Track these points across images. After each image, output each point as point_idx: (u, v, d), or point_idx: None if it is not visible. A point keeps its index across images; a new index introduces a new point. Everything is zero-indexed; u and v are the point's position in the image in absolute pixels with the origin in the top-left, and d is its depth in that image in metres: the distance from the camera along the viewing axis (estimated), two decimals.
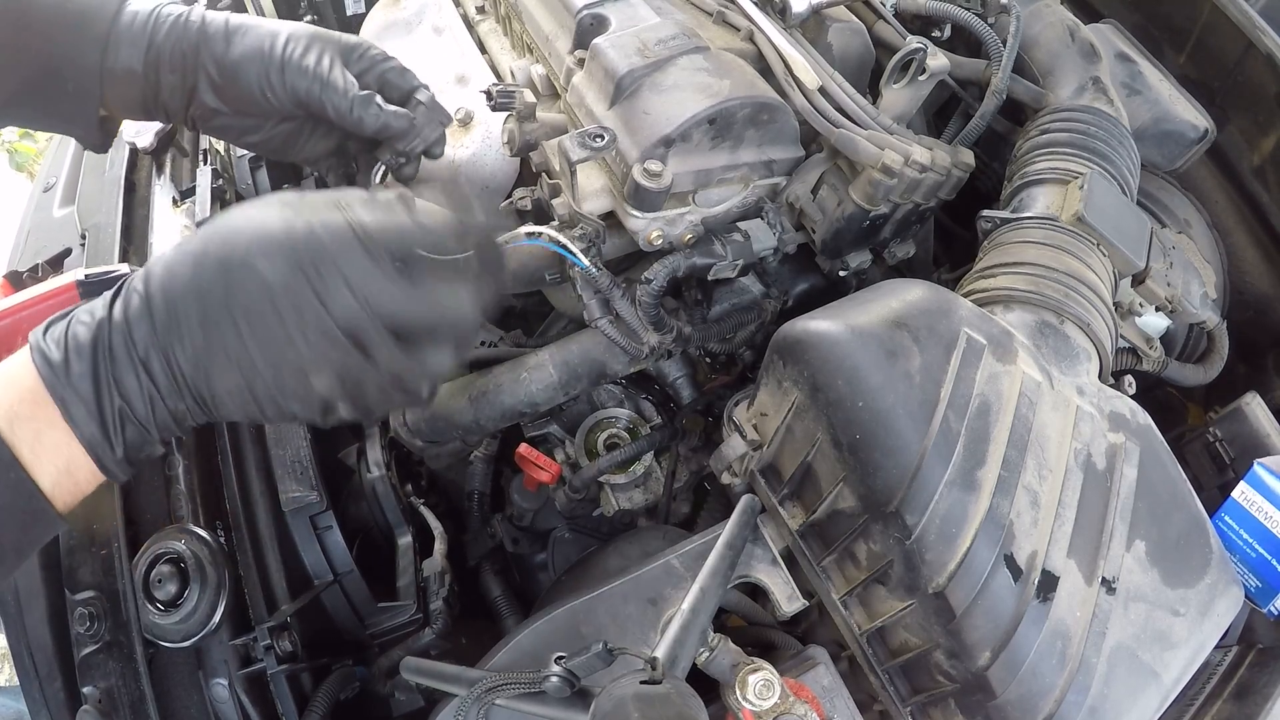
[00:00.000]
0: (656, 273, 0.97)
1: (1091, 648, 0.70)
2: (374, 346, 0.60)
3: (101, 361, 0.58)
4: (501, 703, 0.68)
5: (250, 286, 0.57)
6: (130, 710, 0.80)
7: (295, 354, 0.58)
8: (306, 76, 0.81)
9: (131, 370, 0.59)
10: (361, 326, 0.59)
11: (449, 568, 1.10)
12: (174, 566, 0.84)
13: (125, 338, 0.58)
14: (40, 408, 0.57)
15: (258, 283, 0.57)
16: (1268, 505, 0.89)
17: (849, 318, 0.78)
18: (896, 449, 0.72)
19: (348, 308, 0.58)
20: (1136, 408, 0.85)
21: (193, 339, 0.58)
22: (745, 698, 0.70)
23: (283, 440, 1.03)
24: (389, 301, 0.59)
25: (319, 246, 0.58)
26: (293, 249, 0.57)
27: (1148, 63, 1.20)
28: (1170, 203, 1.22)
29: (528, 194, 1.09)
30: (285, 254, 0.57)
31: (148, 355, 0.58)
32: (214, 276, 0.58)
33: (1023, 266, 0.90)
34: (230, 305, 0.58)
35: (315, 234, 0.58)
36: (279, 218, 0.59)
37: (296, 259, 0.57)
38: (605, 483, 1.17)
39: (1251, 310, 1.23)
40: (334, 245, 0.58)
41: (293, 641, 0.87)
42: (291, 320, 0.57)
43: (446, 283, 0.63)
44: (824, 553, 0.82)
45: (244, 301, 0.57)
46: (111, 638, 0.83)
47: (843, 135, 0.97)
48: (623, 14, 1.03)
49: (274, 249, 0.58)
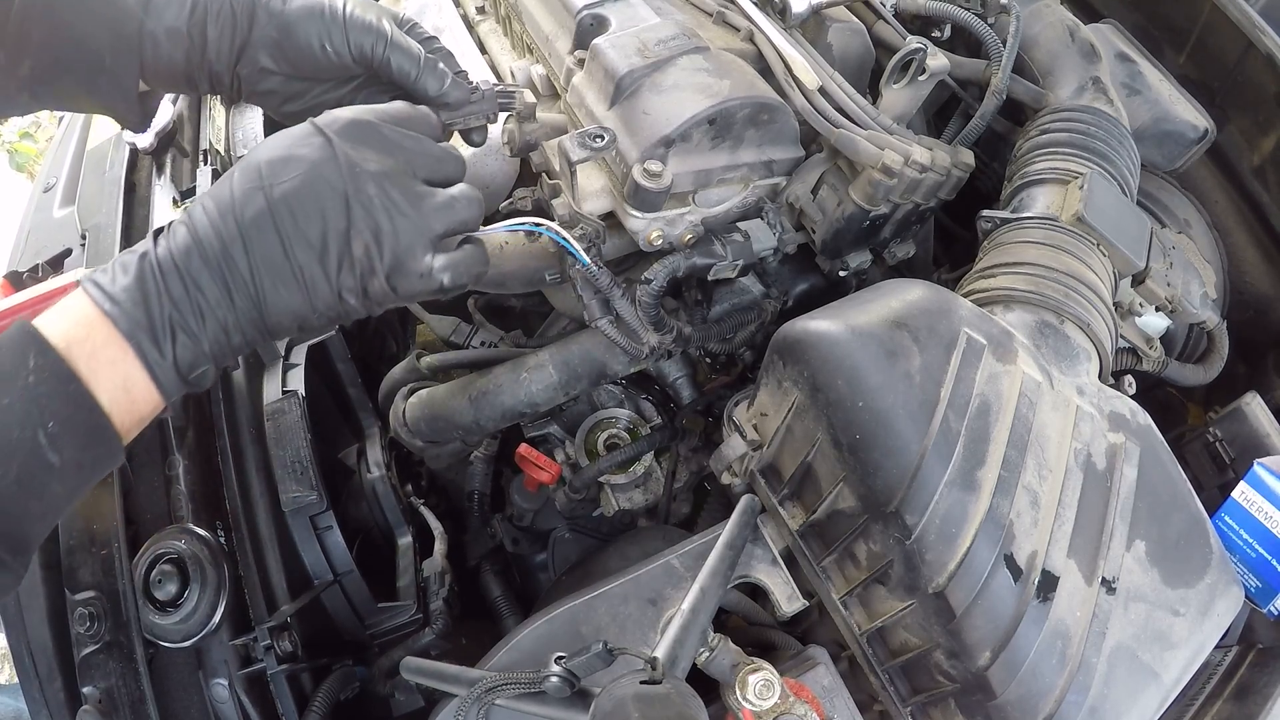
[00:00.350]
0: (656, 273, 0.97)
1: (1091, 648, 0.70)
2: (400, 196, 0.66)
3: (150, 275, 0.61)
4: (501, 703, 0.68)
5: (288, 174, 0.63)
6: (130, 710, 0.80)
7: (338, 211, 0.64)
8: (371, 34, 0.79)
9: (179, 281, 0.62)
10: (399, 177, 0.66)
11: (449, 568, 1.10)
12: (174, 566, 0.84)
13: (169, 255, 0.62)
14: (94, 328, 0.60)
15: (298, 166, 0.63)
16: (1268, 505, 0.89)
17: (849, 318, 0.78)
18: (896, 449, 0.72)
19: (382, 164, 0.65)
20: (1136, 408, 0.85)
21: (238, 247, 0.62)
22: (745, 698, 0.70)
23: (283, 440, 1.03)
24: (409, 145, 0.68)
25: (351, 120, 0.66)
26: (321, 133, 0.65)
27: (1148, 63, 1.20)
28: (1170, 203, 1.22)
29: (528, 194, 1.09)
30: (312, 141, 0.64)
31: (192, 267, 0.62)
32: (250, 182, 0.64)
33: (1023, 266, 0.90)
34: (271, 199, 0.63)
35: (338, 117, 0.66)
36: (304, 125, 0.67)
37: (328, 139, 0.64)
38: (605, 483, 1.17)
39: (1251, 310, 1.23)
40: (360, 117, 0.66)
41: (293, 641, 0.87)
42: (335, 187, 0.64)
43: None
44: (824, 553, 0.82)
45: (283, 190, 0.63)
46: (111, 638, 0.83)
47: (843, 135, 0.97)
48: (623, 14, 1.03)
49: (304, 137, 0.65)
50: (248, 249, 0.63)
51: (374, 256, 0.66)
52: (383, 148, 0.68)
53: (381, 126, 0.68)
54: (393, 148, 0.68)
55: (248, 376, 1.11)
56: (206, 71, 0.80)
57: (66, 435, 0.58)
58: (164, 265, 0.62)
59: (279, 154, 0.65)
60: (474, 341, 1.24)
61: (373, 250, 0.66)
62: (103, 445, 0.61)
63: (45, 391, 0.57)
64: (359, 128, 0.67)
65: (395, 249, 0.66)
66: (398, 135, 0.69)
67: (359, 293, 0.67)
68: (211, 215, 0.63)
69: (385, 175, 0.66)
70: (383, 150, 0.67)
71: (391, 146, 0.68)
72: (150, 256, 0.62)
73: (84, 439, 0.59)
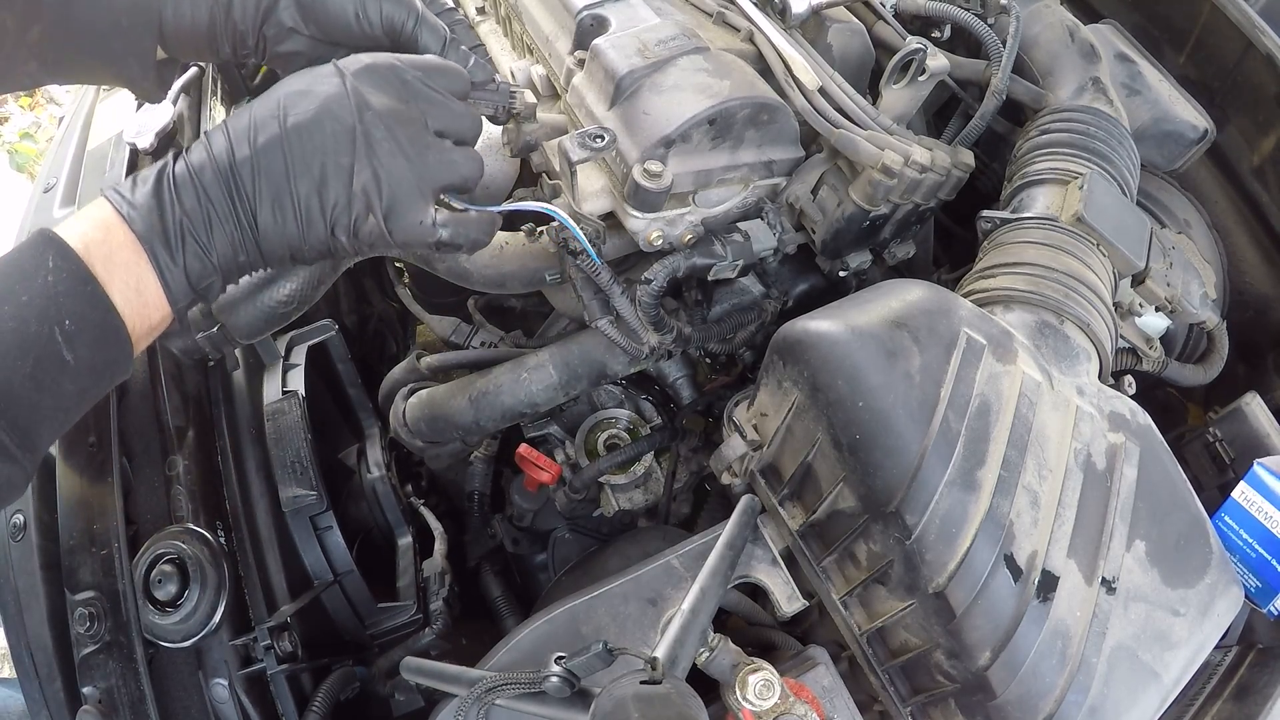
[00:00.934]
0: (656, 273, 0.97)
1: (1091, 648, 0.70)
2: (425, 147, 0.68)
3: (166, 186, 0.64)
4: (501, 703, 0.68)
5: (302, 106, 0.65)
6: (130, 710, 0.80)
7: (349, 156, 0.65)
8: (404, 8, 0.79)
9: (193, 192, 0.64)
10: (412, 124, 0.67)
11: (449, 568, 1.10)
12: (174, 567, 0.84)
13: (186, 169, 0.65)
14: (111, 231, 0.62)
15: (313, 101, 0.65)
16: (1268, 505, 0.89)
17: (849, 318, 0.78)
18: (896, 449, 0.72)
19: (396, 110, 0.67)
20: (1136, 408, 0.85)
21: (247, 168, 0.64)
22: (745, 698, 0.70)
23: (283, 440, 1.03)
24: (438, 106, 0.70)
25: (371, 64, 0.68)
26: (340, 73, 0.67)
27: (1147, 63, 1.20)
28: (1170, 203, 1.22)
29: (528, 195, 1.09)
30: (331, 80, 0.67)
31: (205, 180, 0.64)
32: (268, 111, 0.66)
33: (1022, 267, 0.90)
34: (284, 127, 0.65)
35: (359, 59, 0.68)
36: (327, 64, 0.69)
37: (344, 78, 0.66)
38: (605, 483, 1.17)
39: (1251, 310, 1.23)
40: (384, 63, 0.68)
41: (293, 642, 0.87)
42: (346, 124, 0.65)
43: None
44: (824, 553, 0.82)
45: (295, 121, 0.65)
46: (111, 638, 0.83)
47: (843, 136, 0.97)
48: (623, 15, 1.03)
49: (324, 75, 0.67)
50: (255, 170, 0.65)
51: (372, 196, 0.67)
52: (399, 93, 0.69)
53: (404, 71, 0.70)
54: (410, 94, 0.69)
55: (248, 376, 1.11)
56: (230, 32, 0.78)
57: (81, 334, 0.59)
58: (179, 178, 0.64)
59: (298, 88, 0.67)
60: (474, 342, 1.24)
61: (371, 190, 0.67)
62: (115, 347, 0.62)
63: (63, 290, 0.59)
64: (378, 71, 0.69)
65: (394, 192, 0.68)
66: (418, 83, 0.70)
67: (350, 231, 0.68)
68: (229, 137, 0.66)
69: (395, 118, 0.68)
70: (399, 96, 0.69)
71: (410, 93, 0.69)
72: (168, 170, 0.65)
73: (98, 339, 0.61)
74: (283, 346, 1.17)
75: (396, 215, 0.68)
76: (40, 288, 0.58)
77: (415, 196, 0.69)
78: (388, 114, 0.67)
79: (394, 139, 0.67)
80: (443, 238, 0.72)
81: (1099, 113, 1.06)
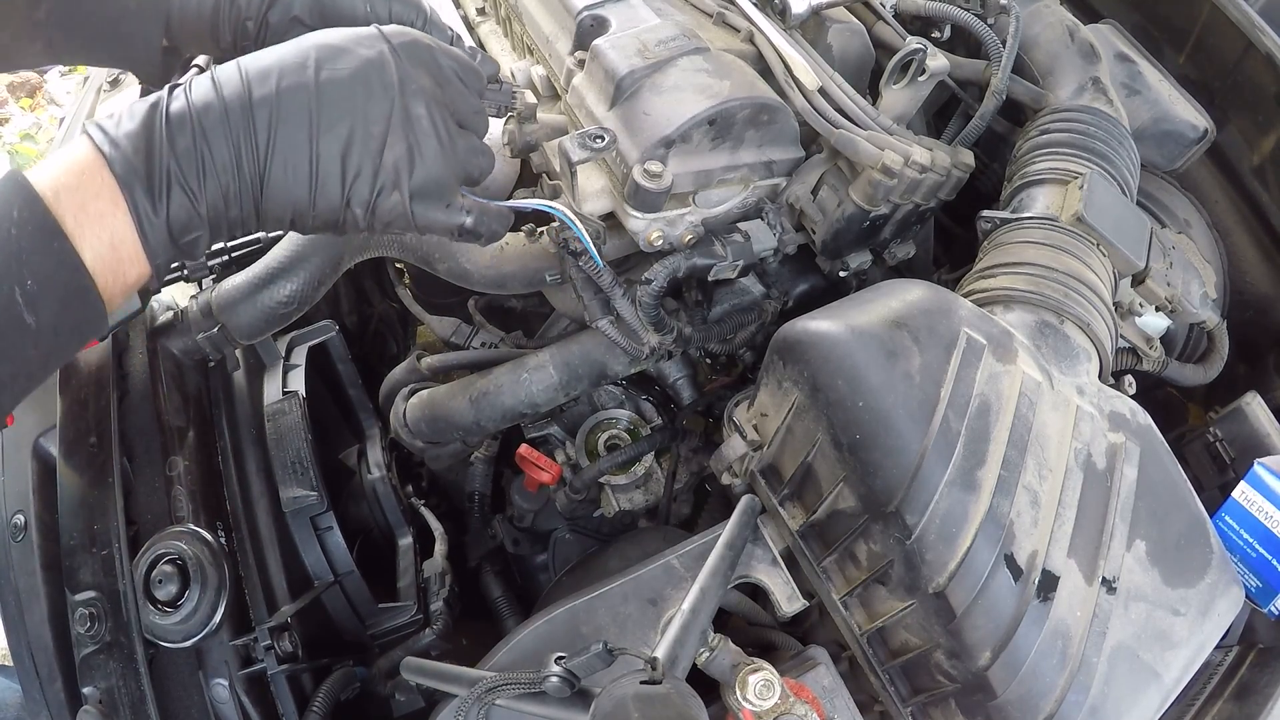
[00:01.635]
0: (656, 273, 0.97)
1: (1092, 648, 0.70)
2: (442, 124, 0.65)
3: (158, 123, 0.57)
4: (502, 703, 0.68)
5: (341, 63, 0.61)
6: (130, 711, 0.80)
7: (379, 116, 0.62)
8: (413, 8, 0.79)
9: (189, 132, 0.57)
10: (440, 107, 0.65)
11: (449, 568, 1.11)
12: (174, 567, 0.84)
13: (185, 107, 0.58)
14: (88, 174, 0.56)
15: (353, 60, 0.62)
16: (1268, 505, 0.89)
17: (849, 318, 0.78)
18: (896, 449, 0.72)
19: (430, 89, 0.64)
20: (1136, 408, 0.85)
21: (264, 112, 0.59)
22: (745, 698, 0.70)
23: (283, 440, 1.03)
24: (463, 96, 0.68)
25: (416, 38, 0.66)
26: (386, 40, 0.64)
27: (1147, 63, 1.20)
28: (1170, 203, 1.22)
29: (528, 195, 1.09)
30: (375, 44, 0.63)
31: (207, 121, 0.58)
32: (297, 57, 0.61)
33: (1022, 267, 0.90)
34: (316, 78, 0.60)
35: (404, 31, 0.66)
36: (368, 28, 0.65)
37: (392, 47, 0.64)
38: (606, 484, 1.17)
39: (1251, 310, 1.23)
40: (427, 40, 0.66)
41: (293, 642, 0.87)
42: (384, 88, 0.62)
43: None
44: (824, 553, 0.82)
45: (331, 75, 0.60)
46: (112, 638, 0.83)
47: (842, 136, 0.97)
48: (623, 15, 1.03)
49: (367, 37, 0.64)
50: (273, 118, 0.59)
51: (402, 172, 0.64)
52: (438, 76, 0.67)
53: (442, 56, 0.68)
54: (446, 80, 0.68)
55: (248, 377, 1.11)
56: (235, 18, 0.76)
57: (46, 294, 0.54)
58: (175, 116, 0.58)
59: (336, 41, 0.63)
60: (474, 342, 1.24)
61: (402, 166, 0.64)
62: (85, 309, 0.57)
63: (26, 246, 0.53)
64: (422, 49, 0.66)
65: (428, 172, 0.65)
66: (451, 72, 0.69)
67: (367, 205, 0.64)
68: (243, 75, 0.60)
69: (434, 99, 0.66)
70: (436, 78, 0.67)
71: (445, 79, 0.68)
72: (162, 105, 0.58)
73: (64, 300, 0.55)
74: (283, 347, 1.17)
75: (425, 197, 0.66)
76: (2, 242, 0.52)
77: (449, 180, 0.67)
78: (428, 93, 0.65)
79: (433, 120, 0.65)
80: (467, 224, 0.70)
81: (1099, 113, 1.06)
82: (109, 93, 1.35)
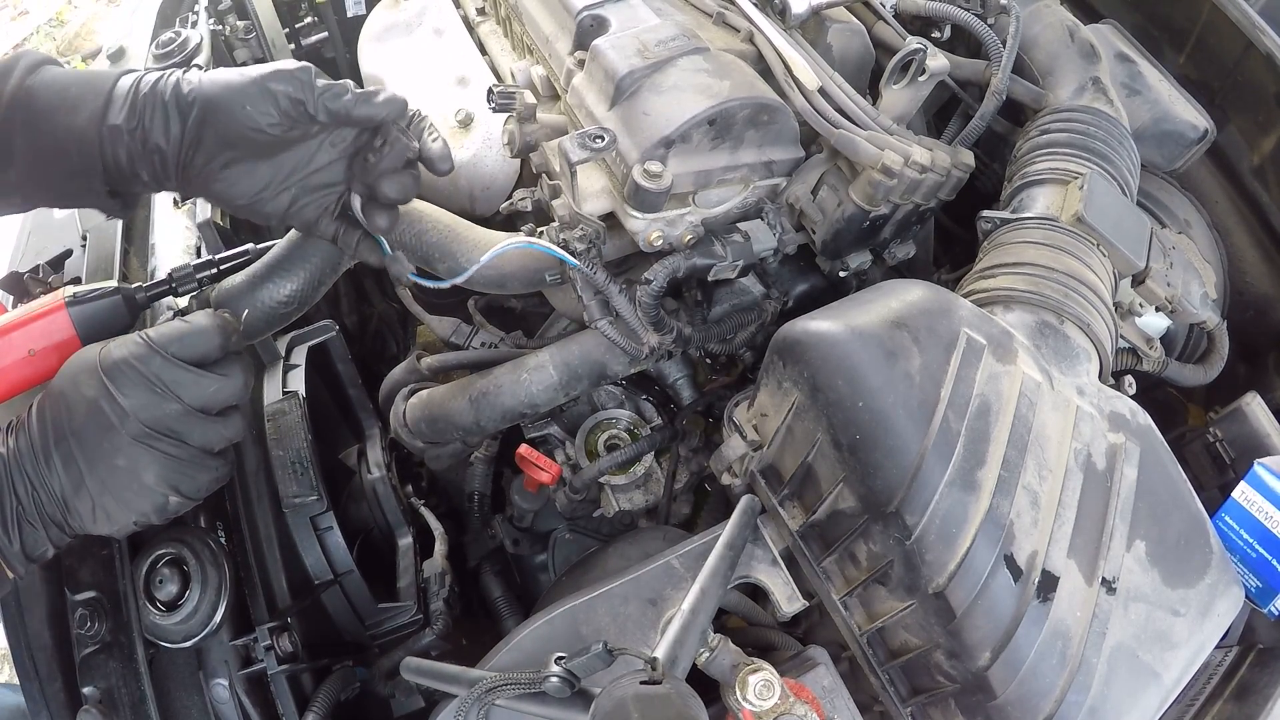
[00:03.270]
0: (656, 273, 0.97)
1: (1091, 648, 0.70)
2: (187, 427, 0.72)
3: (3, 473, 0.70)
4: (502, 703, 0.68)
5: (77, 410, 0.70)
6: (130, 710, 0.80)
7: (124, 458, 0.70)
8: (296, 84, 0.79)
9: (22, 482, 0.70)
10: (168, 413, 0.71)
11: (449, 569, 1.10)
12: (175, 567, 0.84)
13: (3, 462, 0.70)
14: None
15: (81, 404, 0.70)
16: (1268, 505, 0.89)
17: (849, 318, 0.78)
18: (896, 449, 0.72)
19: (150, 403, 0.70)
20: (1136, 408, 0.85)
21: (43, 466, 0.70)
22: (745, 698, 0.70)
23: (283, 440, 1.03)
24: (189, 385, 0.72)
25: (120, 360, 0.71)
26: (100, 368, 0.70)
27: (1147, 63, 1.20)
28: (1170, 203, 1.22)
29: (528, 195, 1.09)
30: (94, 374, 0.70)
31: (15, 476, 0.70)
32: (56, 406, 0.71)
33: (1023, 267, 0.90)
34: (70, 430, 0.69)
35: (111, 353, 0.71)
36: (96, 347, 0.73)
37: (103, 376, 0.70)
38: (605, 484, 1.17)
39: (1251, 310, 1.23)
40: (134, 356, 0.71)
41: (293, 642, 0.87)
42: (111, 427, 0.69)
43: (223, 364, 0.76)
44: (824, 553, 0.82)
45: (74, 425, 0.69)
46: (112, 638, 0.83)
47: (842, 136, 0.97)
48: (623, 15, 1.03)
49: (88, 373, 0.71)
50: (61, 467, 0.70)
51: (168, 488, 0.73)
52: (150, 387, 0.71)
53: (151, 362, 0.71)
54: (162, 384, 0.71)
55: None
56: (151, 166, 0.80)
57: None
58: (10, 464, 0.70)
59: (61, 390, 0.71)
60: (474, 342, 1.24)
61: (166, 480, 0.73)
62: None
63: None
64: (127, 369, 0.71)
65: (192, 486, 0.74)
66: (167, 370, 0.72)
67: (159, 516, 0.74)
68: (29, 425, 0.71)
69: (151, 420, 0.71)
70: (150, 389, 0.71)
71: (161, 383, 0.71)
72: (4, 455, 0.70)
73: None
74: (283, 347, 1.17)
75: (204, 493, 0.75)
76: None
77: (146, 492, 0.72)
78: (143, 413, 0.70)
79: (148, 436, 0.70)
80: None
81: (1099, 113, 1.06)
82: None
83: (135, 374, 0.70)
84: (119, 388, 0.70)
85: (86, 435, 0.69)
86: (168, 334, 0.73)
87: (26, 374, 0.78)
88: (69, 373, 0.72)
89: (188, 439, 0.72)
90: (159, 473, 0.71)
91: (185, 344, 0.73)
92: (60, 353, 0.77)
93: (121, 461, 0.70)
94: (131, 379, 0.70)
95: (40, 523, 0.71)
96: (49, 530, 0.72)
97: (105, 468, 0.70)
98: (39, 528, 0.71)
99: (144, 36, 1.39)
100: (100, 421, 0.69)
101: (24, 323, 0.79)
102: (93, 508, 0.71)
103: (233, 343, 0.77)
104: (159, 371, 0.71)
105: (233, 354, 0.77)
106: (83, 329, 0.80)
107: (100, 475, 0.70)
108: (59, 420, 0.70)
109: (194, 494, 0.75)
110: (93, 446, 0.69)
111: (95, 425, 0.69)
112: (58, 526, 0.72)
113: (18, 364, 0.78)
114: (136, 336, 0.72)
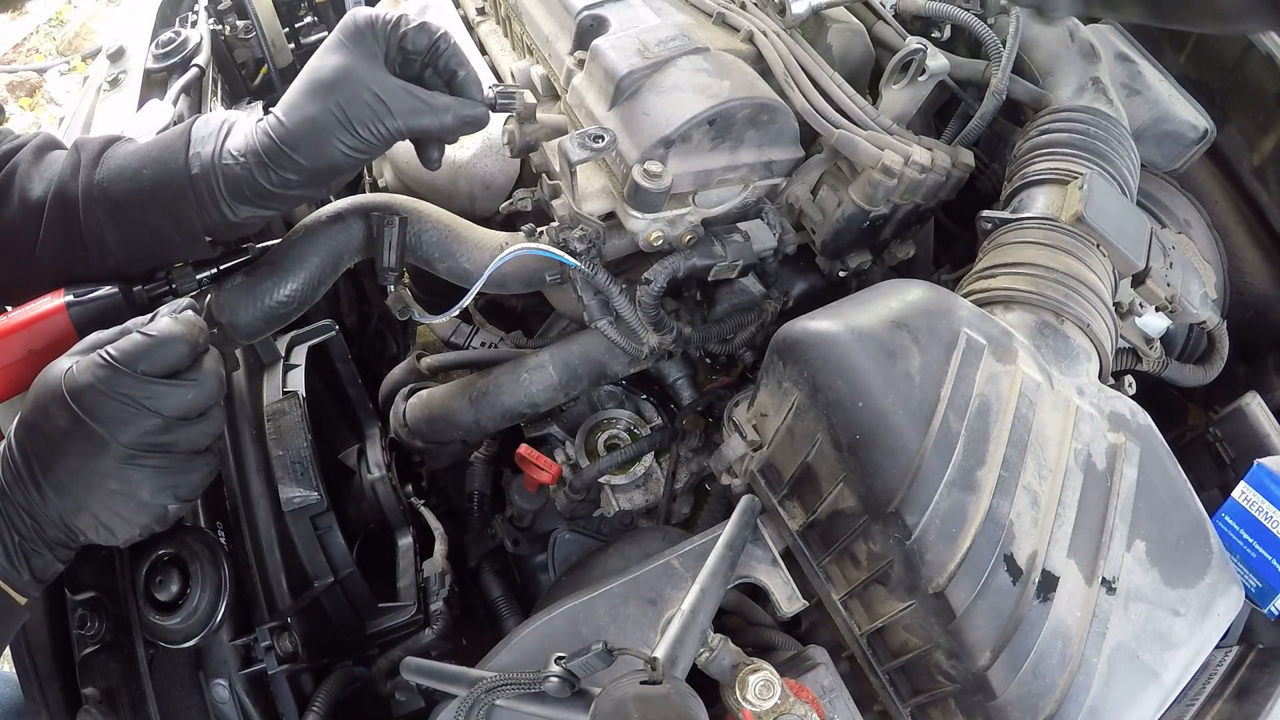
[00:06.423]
0: (656, 273, 0.97)
1: (1092, 648, 0.70)
2: (171, 437, 0.71)
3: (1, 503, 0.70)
4: (502, 703, 0.68)
5: (56, 442, 0.68)
6: (131, 710, 0.80)
7: (116, 480, 0.69)
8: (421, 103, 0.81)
9: (19, 516, 0.69)
10: (150, 429, 0.69)
11: (449, 568, 1.10)
12: (175, 567, 0.84)
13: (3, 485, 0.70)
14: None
15: (58, 436, 0.68)
16: (1268, 505, 0.89)
17: (849, 318, 0.78)
18: (896, 449, 0.72)
19: (129, 425, 0.68)
20: (1136, 408, 0.85)
21: (36, 498, 0.69)
22: (745, 698, 0.70)
23: (283, 440, 1.03)
24: (166, 398, 0.70)
25: (86, 387, 0.68)
26: (68, 397, 0.68)
27: (1147, 63, 1.20)
28: (1170, 203, 1.22)
29: (528, 195, 1.09)
30: (63, 405, 0.68)
31: (12, 513, 0.69)
32: (34, 440, 0.69)
33: (1022, 267, 0.90)
34: (55, 462, 0.68)
35: (75, 378, 0.68)
36: (65, 366, 0.70)
37: (73, 406, 0.67)
38: (605, 483, 1.17)
39: (1251, 310, 1.23)
40: (99, 380, 0.68)
41: (293, 642, 0.87)
42: (95, 454, 0.68)
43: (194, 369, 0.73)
44: (824, 553, 0.82)
45: (57, 457, 0.68)
46: (112, 638, 0.83)
47: (842, 136, 0.97)
48: (623, 15, 1.03)
49: (57, 404, 0.68)
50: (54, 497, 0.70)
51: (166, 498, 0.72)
52: (123, 404, 0.69)
53: (117, 383, 0.68)
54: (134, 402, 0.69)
55: (248, 376, 1.11)
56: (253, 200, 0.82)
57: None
58: (4, 502, 0.69)
59: (33, 421, 0.70)
60: (474, 342, 1.24)
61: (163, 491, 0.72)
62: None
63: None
64: (93, 393, 0.68)
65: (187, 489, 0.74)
66: (137, 388, 0.69)
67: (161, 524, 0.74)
68: (12, 452, 0.70)
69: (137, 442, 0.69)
70: (122, 407, 0.68)
71: (133, 400, 0.69)
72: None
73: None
74: (283, 347, 1.17)
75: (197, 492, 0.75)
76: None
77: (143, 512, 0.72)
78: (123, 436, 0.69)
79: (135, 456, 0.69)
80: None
81: (1099, 113, 1.06)
82: (108, 92, 1.35)
83: (103, 399, 0.67)
84: (92, 416, 0.67)
85: (73, 465, 0.68)
86: (131, 351, 0.69)
87: (27, 374, 0.78)
88: (39, 404, 0.69)
89: (174, 448, 0.71)
90: (154, 486, 0.70)
91: (154, 360, 0.70)
92: (60, 353, 0.77)
93: (114, 485, 0.69)
94: (101, 404, 0.67)
95: (45, 547, 0.71)
96: (55, 551, 0.71)
97: (100, 492, 0.69)
98: (44, 552, 0.71)
99: (144, 36, 1.39)
100: (83, 450, 0.68)
101: (24, 323, 0.79)
102: (95, 525, 0.70)
103: (200, 343, 0.73)
104: (130, 391, 0.68)
105: (201, 354, 0.74)
106: (83, 329, 0.80)
107: (97, 498, 0.69)
108: (41, 454, 0.69)
109: (192, 495, 0.74)
110: (84, 475, 0.68)
111: (79, 454, 0.68)
112: (63, 546, 0.72)
113: (18, 364, 0.78)
114: (97, 357, 0.69)
